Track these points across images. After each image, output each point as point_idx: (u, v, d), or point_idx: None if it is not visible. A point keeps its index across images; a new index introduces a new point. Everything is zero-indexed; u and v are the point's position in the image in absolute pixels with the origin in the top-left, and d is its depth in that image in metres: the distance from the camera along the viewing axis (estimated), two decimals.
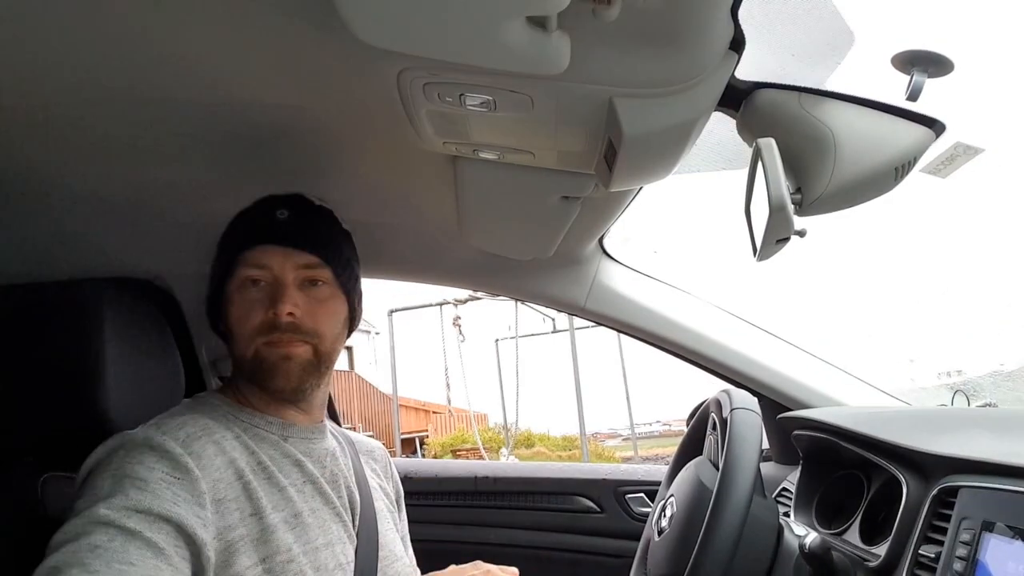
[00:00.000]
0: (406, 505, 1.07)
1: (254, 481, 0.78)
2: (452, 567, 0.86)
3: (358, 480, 0.91)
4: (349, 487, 0.89)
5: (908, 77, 0.70)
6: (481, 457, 10.40)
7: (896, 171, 0.73)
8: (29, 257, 1.15)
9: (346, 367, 13.76)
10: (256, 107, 0.81)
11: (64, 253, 1.17)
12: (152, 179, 1.00)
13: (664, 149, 0.78)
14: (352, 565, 0.83)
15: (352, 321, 0.92)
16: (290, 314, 0.81)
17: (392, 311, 10.78)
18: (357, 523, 0.87)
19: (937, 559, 0.74)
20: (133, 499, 0.68)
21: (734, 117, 0.80)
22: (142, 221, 1.12)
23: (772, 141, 0.69)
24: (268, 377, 0.82)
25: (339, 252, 0.88)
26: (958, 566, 0.70)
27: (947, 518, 0.75)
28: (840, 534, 0.98)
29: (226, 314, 0.85)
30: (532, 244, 1.22)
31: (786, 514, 1.10)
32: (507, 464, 2.72)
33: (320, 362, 0.85)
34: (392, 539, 0.94)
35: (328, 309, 0.86)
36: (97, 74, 0.71)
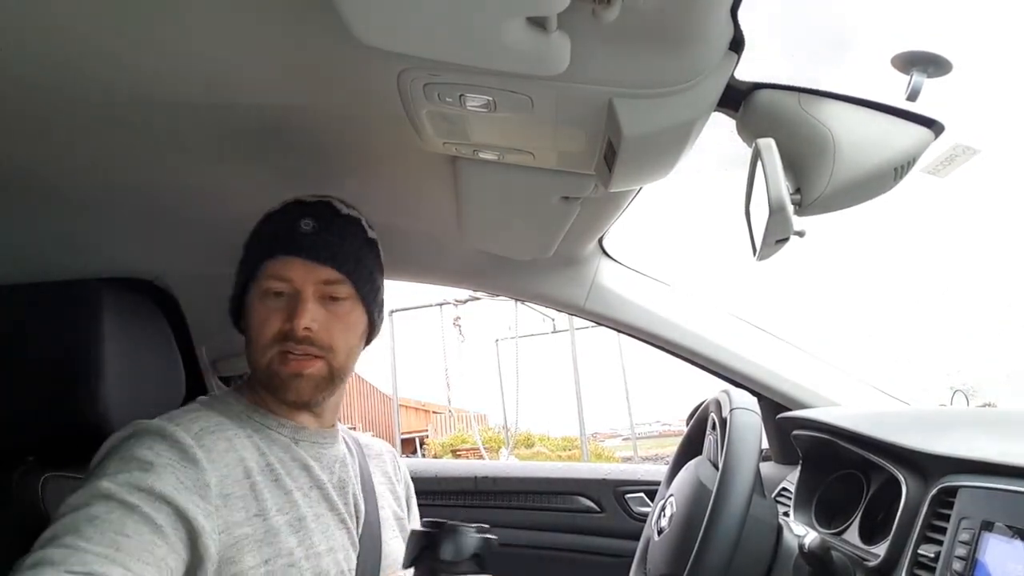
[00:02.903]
0: None
1: (261, 482, 0.78)
2: None
3: (364, 488, 0.92)
4: (355, 495, 0.89)
5: (907, 77, 0.70)
6: (481, 457, 10.40)
7: (895, 171, 0.73)
8: (29, 257, 1.15)
9: None
10: (256, 108, 0.81)
11: (64, 253, 1.17)
12: (152, 179, 1.00)
13: (664, 149, 0.78)
14: (353, 573, 0.83)
15: (371, 332, 0.93)
16: (307, 328, 0.82)
17: (392, 311, 10.78)
18: (360, 531, 0.87)
19: (936, 559, 0.74)
20: (136, 477, 0.70)
21: (734, 117, 0.80)
22: (142, 221, 1.12)
23: (772, 141, 0.69)
24: (279, 390, 0.84)
25: (362, 265, 0.88)
26: (957, 566, 0.70)
27: (946, 518, 0.75)
28: (839, 534, 0.98)
29: (247, 318, 0.86)
30: (532, 244, 1.22)
31: (785, 514, 1.10)
32: (507, 464, 2.72)
33: (333, 376, 0.86)
34: (396, 548, 0.93)
35: (345, 323, 0.86)
36: (97, 74, 0.71)
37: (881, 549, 0.84)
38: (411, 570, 0.79)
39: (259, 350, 0.84)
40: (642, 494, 1.53)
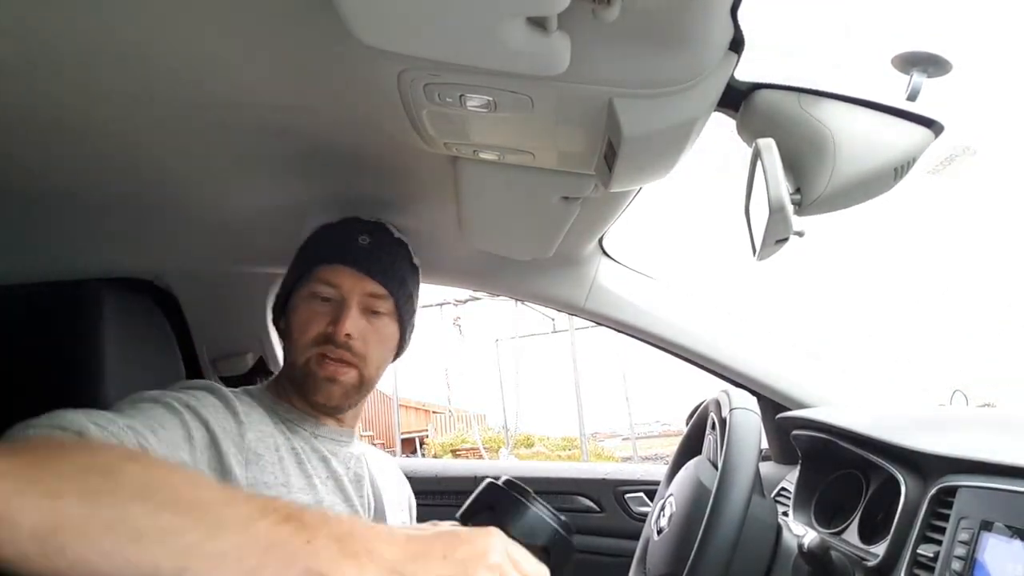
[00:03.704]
0: None
1: (287, 458, 0.82)
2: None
3: (373, 487, 0.95)
4: (368, 492, 0.92)
5: (907, 77, 0.70)
6: (481, 457, 10.40)
7: (895, 171, 0.73)
8: (29, 257, 1.15)
9: None
10: (256, 108, 0.81)
11: (64, 253, 1.17)
12: (152, 179, 1.00)
13: (664, 150, 0.78)
14: None
15: (399, 350, 0.97)
16: (347, 335, 0.86)
17: None
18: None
19: (936, 558, 0.74)
20: (182, 398, 0.73)
21: (734, 118, 0.80)
22: (142, 221, 1.12)
23: (772, 141, 0.69)
24: (311, 391, 0.87)
25: (405, 286, 0.94)
26: (956, 565, 0.70)
27: (945, 518, 0.76)
28: (839, 533, 0.98)
29: (289, 317, 0.91)
30: (532, 244, 1.22)
31: (785, 514, 1.11)
32: (507, 464, 2.72)
33: (362, 385, 0.90)
34: None
35: (381, 337, 0.91)
36: (98, 74, 0.71)
37: (880, 549, 0.84)
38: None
39: (299, 349, 0.87)
40: (642, 494, 1.54)
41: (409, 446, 12.19)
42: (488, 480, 0.70)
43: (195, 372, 1.45)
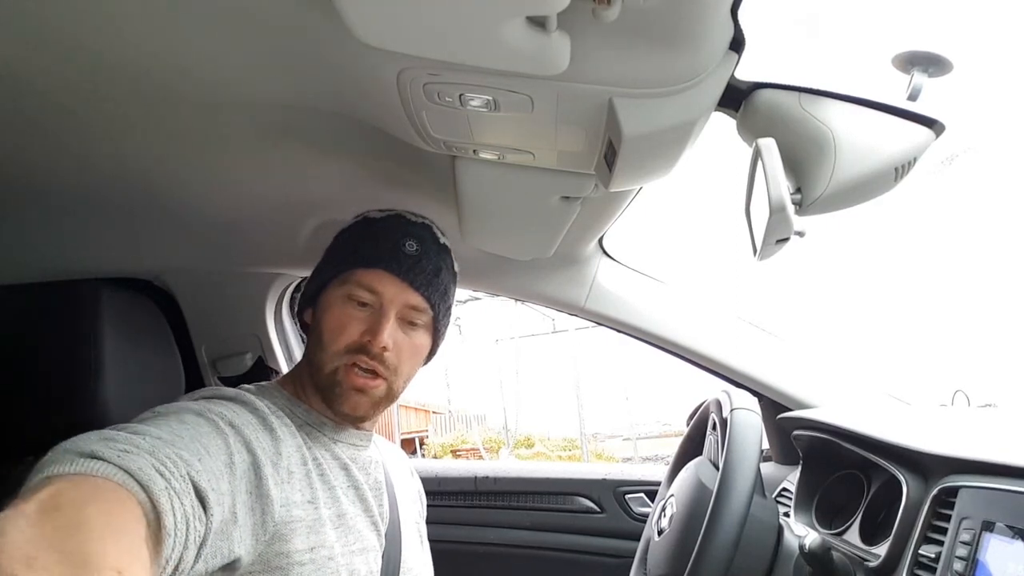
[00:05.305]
0: None
1: (313, 471, 0.79)
2: None
3: (389, 492, 0.92)
4: (386, 500, 0.90)
5: (908, 77, 0.70)
6: (481, 458, 10.41)
7: (896, 171, 0.73)
8: (29, 257, 1.15)
9: None
10: (257, 107, 0.81)
11: (64, 253, 1.17)
12: (152, 179, 1.00)
13: (664, 149, 0.78)
14: (378, 575, 0.84)
15: (427, 359, 0.94)
16: (384, 347, 0.83)
17: None
18: (385, 533, 0.88)
19: (937, 559, 0.74)
20: (225, 415, 0.70)
21: (734, 117, 0.80)
22: (141, 220, 1.12)
23: (772, 141, 0.68)
24: (337, 401, 0.84)
25: (446, 299, 0.91)
26: (958, 566, 0.70)
27: (947, 518, 0.76)
28: (840, 534, 0.98)
29: (320, 316, 0.86)
30: (532, 244, 1.22)
31: (786, 514, 1.11)
32: (507, 464, 2.72)
33: (389, 396, 0.87)
34: (415, 554, 0.94)
35: (415, 351, 0.88)
36: (98, 75, 0.71)
37: (882, 549, 0.84)
38: None
39: (329, 355, 0.84)
40: (642, 494, 1.53)
41: (409, 446, 12.19)
42: None
43: (194, 372, 1.45)
